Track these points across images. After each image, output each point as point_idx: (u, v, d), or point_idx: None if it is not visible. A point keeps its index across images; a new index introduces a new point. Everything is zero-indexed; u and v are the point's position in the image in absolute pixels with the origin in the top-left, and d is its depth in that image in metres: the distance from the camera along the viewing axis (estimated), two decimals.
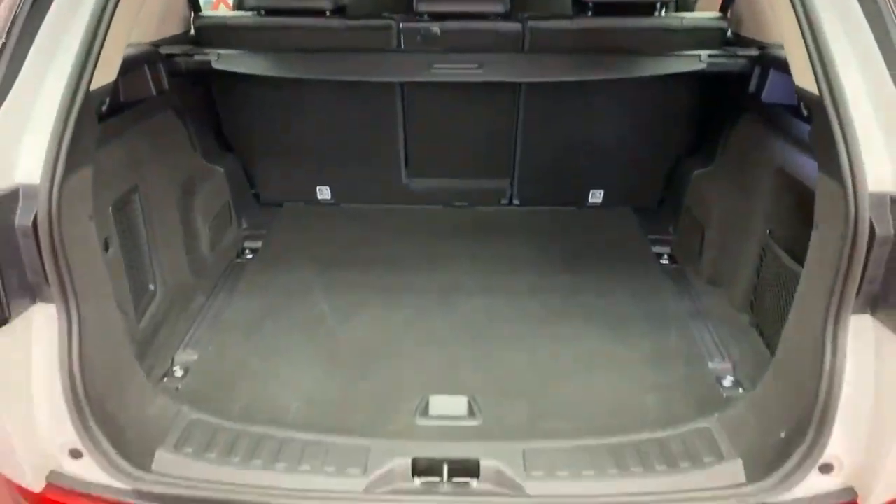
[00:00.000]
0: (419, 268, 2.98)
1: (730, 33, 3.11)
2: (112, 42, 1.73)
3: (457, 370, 2.32)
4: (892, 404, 1.62)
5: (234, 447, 1.86)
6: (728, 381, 2.26)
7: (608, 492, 1.75)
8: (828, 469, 1.71)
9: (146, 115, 2.59)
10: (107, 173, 2.13)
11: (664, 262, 3.11)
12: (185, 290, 2.73)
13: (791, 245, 2.27)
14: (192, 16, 3.20)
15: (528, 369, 2.33)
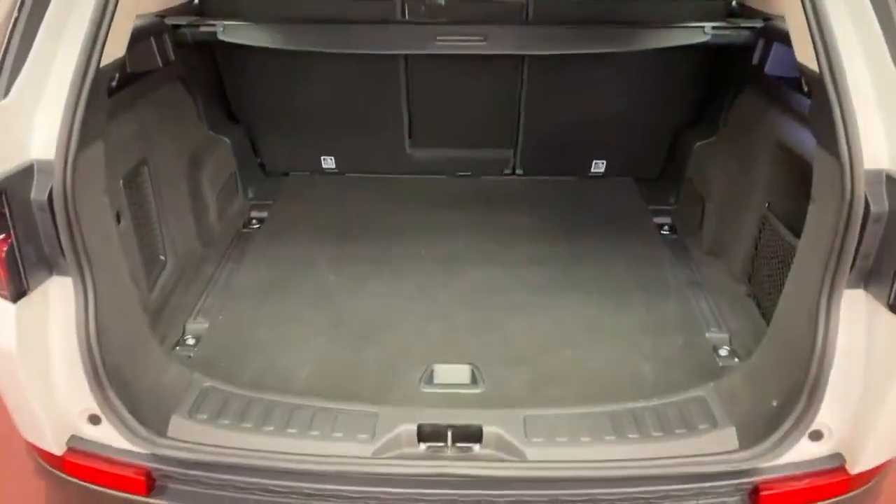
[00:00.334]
0: (423, 238, 3.02)
1: (735, 3, 3.09)
2: (121, 18, 1.74)
3: (460, 339, 2.39)
4: (881, 375, 1.68)
5: (246, 413, 1.93)
6: (724, 351, 2.32)
7: (605, 457, 1.82)
8: (817, 436, 1.78)
9: (153, 87, 2.61)
10: (117, 147, 2.16)
11: (665, 233, 3.14)
12: (194, 260, 2.78)
13: (789, 218, 2.30)
14: None
15: (529, 338, 2.39)
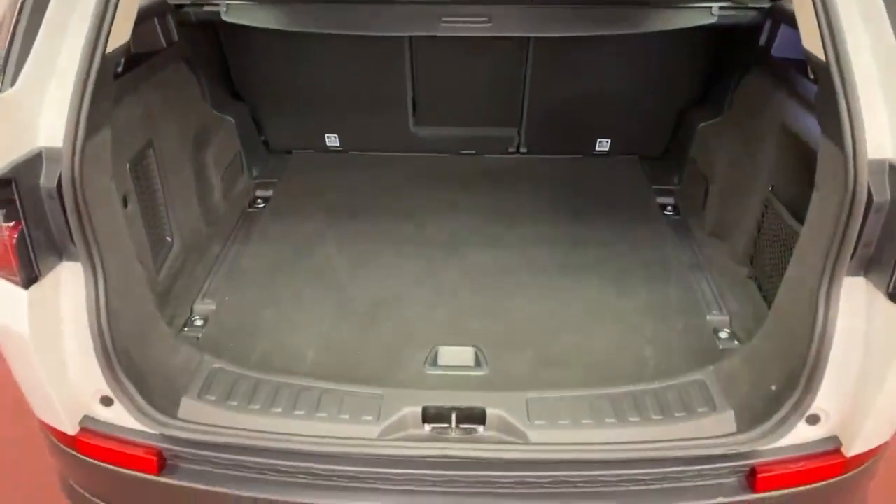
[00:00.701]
0: (427, 218, 3.03)
1: None
2: (126, 3, 1.74)
3: (464, 321, 2.41)
4: (878, 362, 1.70)
5: (255, 395, 1.96)
6: (724, 334, 2.34)
7: (606, 439, 1.86)
8: (814, 420, 1.82)
9: (157, 68, 2.60)
10: (123, 130, 2.17)
11: (668, 213, 3.15)
12: (200, 241, 2.80)
13: (793, 202, 2.31)
14: None
15: (533, 320, 2.42)
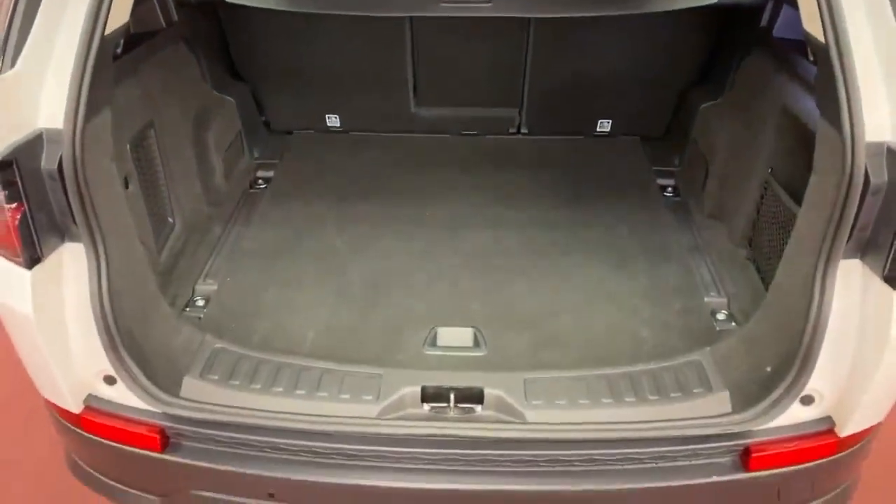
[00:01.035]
0: (427, 199, 3.04)
1: None
2: None
3: (463, 302, 2.43)
4: (872, 344, 1.72)
5: (256, 374, 1.99)
6: (722, 315, 2.36)
7: (602, 419, 1.88)
8: (808, 400, 1.84)
9: (157, 48, 2.59)
10: (123, 111, 2.17)
11: (668, 195, 3.15)
12: (201, 221, 2.81)
13: (791, 184, 2.31)
14: None
15: (531, 302, 2.44)
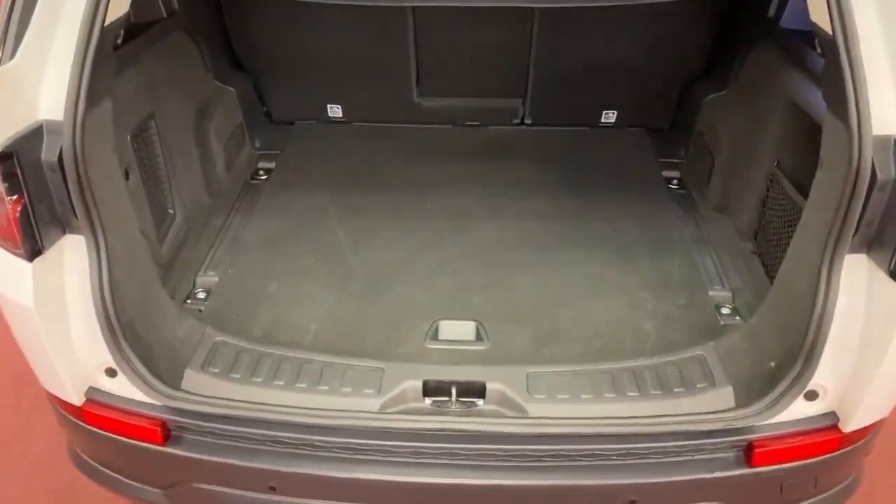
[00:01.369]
0: (430, 191, 3.02)
1: None
2: None
3: (466, 295, 2.42)
4: (877, 339, 1.70)
5: (257, 368, 1.99)
6: (726, 310, 2.33)
7: (605, 414, 1.87)
8: (812, 396, 1.83)
9: (158, 38, 2.58)
10: (124, 102, 2.16)
11: (673, 187, 3.12)
12: (203, 213, 2.80)
13: (797, 178, 2.29)
14: None
15: (534, 295, 2.42)
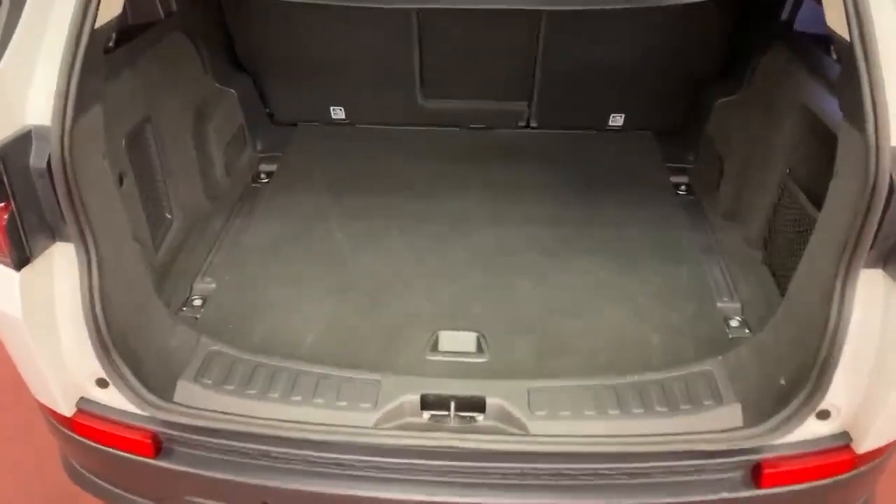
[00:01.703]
0: (434, 195, 2.97)
1: None
2: None
3: (467, 304, 2.36)
4: (894, 357, 1.64)
5: (252, 379, 1.94)
6: (735, 322, 2.26)
7: (608, 432, 1.81)
8: (825, 415, 1.77)
9: (155, 40, 2.53)
10: (118, 106, 2.11)
11: (681, 193, 3.05)
12: (201, 216, 2.76)
13: (810, 187, 2.22)
14: None
15: (538, 304, 2.36)
